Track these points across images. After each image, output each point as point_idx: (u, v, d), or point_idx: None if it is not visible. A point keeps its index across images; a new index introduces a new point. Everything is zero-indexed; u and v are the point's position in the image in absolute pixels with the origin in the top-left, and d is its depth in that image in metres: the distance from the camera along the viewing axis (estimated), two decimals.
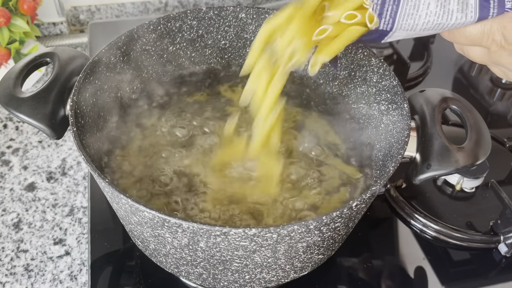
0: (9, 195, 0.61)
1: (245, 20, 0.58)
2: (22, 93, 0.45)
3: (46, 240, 0.56)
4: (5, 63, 0.71)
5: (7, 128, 0.69)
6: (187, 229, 0.36)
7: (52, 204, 0.60)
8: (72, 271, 0.54)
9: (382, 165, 0.48)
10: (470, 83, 0.81)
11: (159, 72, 0.58)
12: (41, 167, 0.64)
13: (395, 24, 0.36)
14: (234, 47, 0.61)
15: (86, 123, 0.47)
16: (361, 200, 0.38)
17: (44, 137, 0.67)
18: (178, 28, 0.57)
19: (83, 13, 0.87)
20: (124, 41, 0.53)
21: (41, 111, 0.45)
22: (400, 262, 0.54)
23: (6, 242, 0.56)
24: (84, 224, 0.58)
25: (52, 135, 0.45)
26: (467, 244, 0.56)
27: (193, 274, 0.44)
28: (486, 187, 0.61)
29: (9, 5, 0.69)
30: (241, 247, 0.37)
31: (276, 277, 0.44)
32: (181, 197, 0.48)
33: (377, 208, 0.59)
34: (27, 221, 0.58)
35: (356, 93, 0.55)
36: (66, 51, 0.50)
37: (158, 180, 0.49)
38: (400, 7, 0.35)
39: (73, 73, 0.48)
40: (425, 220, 0.57)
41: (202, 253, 0.39)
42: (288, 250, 0.39)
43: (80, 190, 0.61)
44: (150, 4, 0.88)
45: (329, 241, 0.42)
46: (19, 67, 0.47)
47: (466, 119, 0.46)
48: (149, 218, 0.37)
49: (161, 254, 0.43)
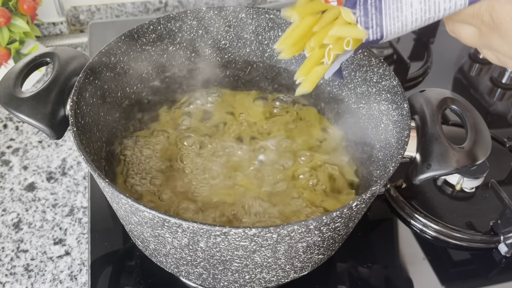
0: (9, 195, 0.61)
1: (245, 20, 0.58)
2: (22, 93, 0.45)
3: (46, 240, 0.56)
4: (5, 63, 0.71)
5: (7, 128, 0.69)
6: (187, 229, 0.36)
7: (52, 204, 0.60)
8: (72, 271, 0.54)
9: (382, 165, 0.48)
10: (470, 83, 0.81)
11: (159, 72, 0.58)
12: (41, 167, 0.64)
13: (384, 31, 0.36)
14: (234, 47, 0.61)
15: (86, 123, 0.47)
16: (361, 200, 0.38)
17: (44, 137, 0.67)
18: (178, 28, 0.57)
19: (83, 13, 0.87)
20: (124, 41, 0.53)
21: (41, 111, 0.45)
22: (400, 262, 0.54)
23: (6, 242, 0.56)
24: (84, 224, 0.58)
25: (52, 135, 0.45)
26: (467, 244, 0.56)
27: (193, 274, 0.44)
28: (486, 187, 0.61)
29: (9, 5, 0.69)
30: (241, 247, 0.37)
31: (276, 277, 0.44)
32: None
33: (377, 208, 0.59)
34: (27, 221, 0.58)
35: (356, 93, 0.55)
36: (66, 51, 0.50)
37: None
38: (383, 14, 0.35)
39: (73, 73, 0.48)
40: (425, 220, 0.57)
41: (202, 253, 0.39)
42: (288, 250, 0.39)
43: (80, 190, 0.61)
44: (150, 4, 0.88)
45: (329, 241, 0.42)
46: (19, 67, 0.47)
47: (466, 119, 0.46)
48: (149, 218, 0.37)
49: (161, 254, 0.43)
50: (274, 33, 0.59)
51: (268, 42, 0.60)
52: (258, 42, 0.60)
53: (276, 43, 0.43)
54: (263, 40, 0.60)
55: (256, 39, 0.60)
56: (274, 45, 0.50)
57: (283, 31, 0.59)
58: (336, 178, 0.50)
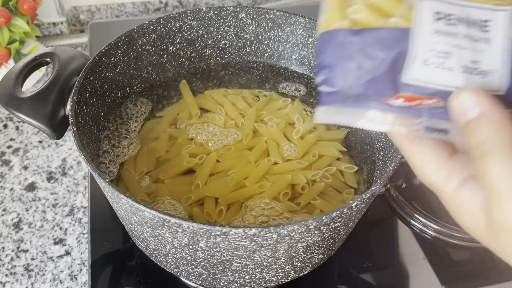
0: (9, 195, 0.61)
1: (245, 20, 0.59)
2: (22, 93, 0.45)
3: (46, 240, 0.56)
4: (5, 63, 0.71)
5: (7, 128, 0.69)
6: (187, 229, 0.36)
7: (52, 204, 0.60)
8: (72, 271, 0.54)
9: (382, 165, 0.48)
10: None
11: (159, 72, 0.59)
12: (41, 167, 0.64)
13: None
14: (234, 47, 0.61)
15: (86, 123, 0.47)
16: (361, 200, 0.38)
17: (44, 137, 0.67)
18: (178, 28, 0.57)
19: (83, 13, 0.87)
20: (124, 41, 0.53)
21: (41, 111, 0.45)
22: (400, 262, 0.54)
23: (6, 242, 0.56)
24: (84, 224, 0.58)
25: (52, 135, 0.45)
26: (467, 244, 0.56)
27: (193, 274, 0.44)
28: None
29: (9, 5, 0.69)
30: (241, 247, 0.37)
31: (276, 277, 0.44)
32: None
33: (377, 208, 0.59)
34: (27, 221, 0.58)
35: None
36: (66, 51, 0.50)
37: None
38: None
39: (73, 73, 0.48)
40: (425, 220, 0.57)
41: (202, 253, 0.39)
42: (288, 250, 0.39)
43: (80, 190, 0.61)
44: (150, 4, 0.88)
45: (329, 241, 0.42)
46: (19, 67, 0.47)
47: None
48: (149, 218, 0.37)
49: (161, 254, 0.43)
50: (274, 33, 0.59)
51: (268, 42, 0.60)
52: (258, 42, 0.60)
53: None
54: (263, 40, 0.60)
55: (256, 39, 0.60)
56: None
57: (283, 31, 0.59)
58: (335, 177, 0.50)
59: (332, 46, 0.30)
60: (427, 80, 0.29)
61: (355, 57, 0.29)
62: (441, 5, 0.29)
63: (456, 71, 0.28)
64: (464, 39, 0.28)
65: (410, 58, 0.29)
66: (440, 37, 0.28)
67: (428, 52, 0.28)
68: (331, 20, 0.31)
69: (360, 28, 0.29)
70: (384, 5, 0.30)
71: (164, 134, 0.53)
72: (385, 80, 0.29)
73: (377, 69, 0.29)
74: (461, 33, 0.28)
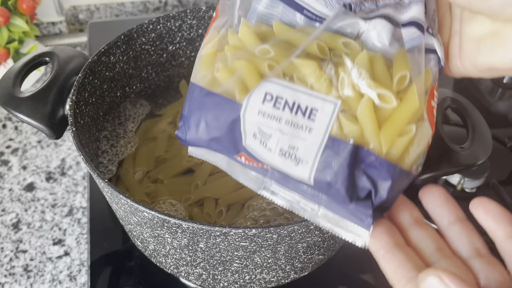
0: (8, 195, 0.61)
1: None
2: (21, 93, 0.45)
3: (45, 240, 0.56)
4: (4, 63, 0.71)
5: (6, 128, 0.69)
6: (186, 230, 0.36)
7: (51, 204, 0.60)
8: (71, 272, 0.54)
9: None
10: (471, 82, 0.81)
11: (159, 72, 0.58)
12: (40, 167, 0.64)
13: None
14: None
15: (86, 123, 0.47)
16: None
17: (43, 137, 0.67)
18: (177, 27, 0.57)
19: (83, 12, 0.87)
20: (124, 40, 0.53)
21: (40, 110, 0.44)
22: None
23: (5, 243, 0.56)
24: (84, 224, 0.58)
25: (51, 135, 0.45)
26: None
27: (193, 275, 0.44)
28: (487, 188, 0.61)
29: (8, 5, 0.68)
30: (241, 247, 0.37)
31: (276, 277, 0.44)
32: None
33: None
34: (26, 221, 0.58)
35: None
36: (65, 50, 0.50)
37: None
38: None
39: (72, 72, 0.48)
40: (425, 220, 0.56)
41: (202, 254, 0.39)
42: (288, 250, 0.39)
43: (79, 190, 0.61)
44: (150, 3, 0.88)
45: (329, 241, 0.42)
46: (18, 67, 0.47)
47: (467, 119, 0.46)
48: (149, 219, 0.37)
49: (160, 255, 0.43)
50: None
51: None
52: None
53: None
54: None
55: None
56: None
57: None
58: None
59: (190, 99, 0.33)
60: (254, 151, 0.31)
61: (204, 114, 0.32)
62: (273, 86, 0.30)
63: (274, 152, 0.30)
64: (287, 125, 0.29)
65: (243, 128, 0.31)
66: (264, 119, 0.30)
67: (256, 128, 0.30)
68: (199, 70, 0.33)
69: (209, 89, 0.32)
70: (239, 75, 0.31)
71: (163, 134, 0.53)
72: (228, 139, 0.32)
73: (220, 129, 0.32)
74: (285, 119, 0.29)
